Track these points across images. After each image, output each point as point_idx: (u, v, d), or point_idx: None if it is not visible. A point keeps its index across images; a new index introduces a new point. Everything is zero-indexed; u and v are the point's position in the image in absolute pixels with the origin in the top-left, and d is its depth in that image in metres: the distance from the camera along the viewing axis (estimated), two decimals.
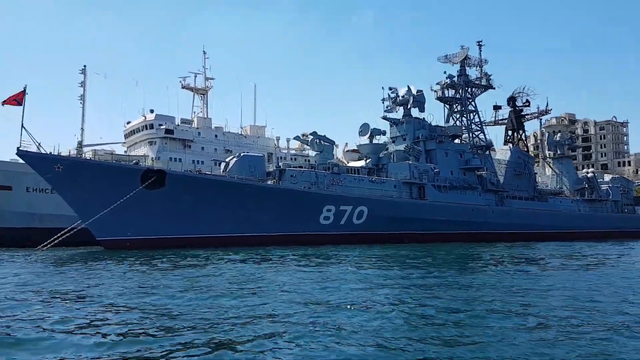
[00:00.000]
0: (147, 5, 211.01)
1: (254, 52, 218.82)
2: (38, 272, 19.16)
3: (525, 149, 64.02)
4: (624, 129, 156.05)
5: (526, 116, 64.98)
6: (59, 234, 32.69)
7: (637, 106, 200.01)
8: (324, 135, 44.68)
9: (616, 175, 75.04)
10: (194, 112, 62.88)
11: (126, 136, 58.93)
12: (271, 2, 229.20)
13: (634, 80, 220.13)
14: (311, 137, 44.57)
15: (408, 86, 50.87)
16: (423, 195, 45.90)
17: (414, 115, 51.87)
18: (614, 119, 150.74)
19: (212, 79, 64.63)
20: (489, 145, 56.11)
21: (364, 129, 48.72)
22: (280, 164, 42.31)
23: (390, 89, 51.96)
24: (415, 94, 50.90)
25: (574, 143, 69.58)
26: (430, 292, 13.73)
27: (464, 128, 55.76)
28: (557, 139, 67.63)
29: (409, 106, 51.26)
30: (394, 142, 51.65)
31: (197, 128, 58.81)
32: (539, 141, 67.46)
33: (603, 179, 71.14)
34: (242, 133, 63.61)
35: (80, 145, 50.36)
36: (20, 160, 47.35)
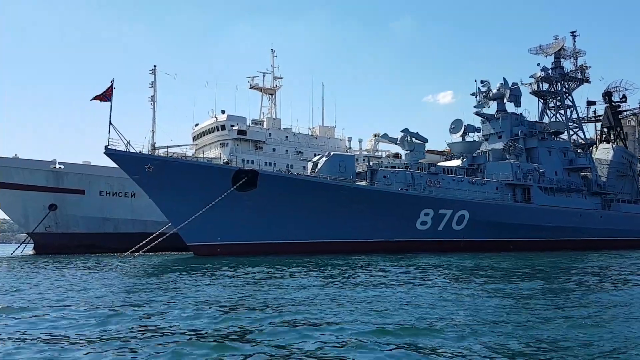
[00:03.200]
0: (217, 9, 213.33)
1: (319, 54, 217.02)
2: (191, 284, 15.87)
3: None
4: None
5: (624, 112, 58.87)
6: (147, 240, 29.95)
7: None
8: (417, 133, 40.57)
9: None
10: (263, 113, 60.10)
11: (195, 138, 56.60)
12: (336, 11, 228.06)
13: None
14: (402, 134, 40.50)
15: (504, 78, 46.18)
16: (528, 198, 41.05)
17: (509, 111, 47.04)
18: None
19: (281, 78, 61.80)
20: (591, 144, 50.55)
21: (456, 125, 44.30)
22: (371, 163, 38.43)
23: (482, 82, 47.38)
24: (511, 87, 46.14)
25: None
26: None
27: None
28: None
29: (504, 100, 46.49)
30: (486, 140, 46.93)
31: (268, 129, 55.90)
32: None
33: None
34: (312, 134, 60.36)
35: (153, 147, 48.09)
36: (94, 163, 46.04)
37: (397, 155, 59.23)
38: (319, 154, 53.19)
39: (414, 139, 40.44)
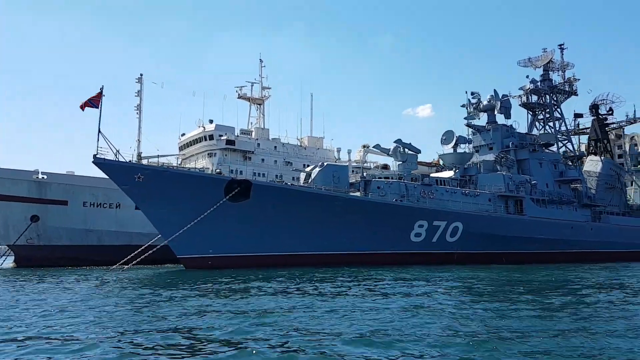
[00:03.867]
0: (203, 19, 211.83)
1: (305, 65, 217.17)
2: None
3: None
4: None
5: (611, 125, 59.48)
6: (136, 252, 28.88)
7: None
8: (409, 144, 40.22)
9: None
10: (251, 123, 59.39)
11: (181, 148, 55.59)
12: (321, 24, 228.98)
13: None
14: (394, 145, 40.12)
15: (494, 90, 46.19)
16: (521, 210, 40.87)
17: (499, 123, 47.05)
18: None
19: (269, 88, 61.19)
20: (581, 156, 50.81)
21: (447, 136, 44.06)
22: (364, 174, 37.91)
23: (472, 93, 47.32)
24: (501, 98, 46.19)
25: None
26: None
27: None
28: None
29: (495, 112, 46.50)
30: (477, 151, 46.80)
31: (256, 139, 55.19)
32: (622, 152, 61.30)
33: None
34: (301, 144, 59.81)
35: (139, 157, 46.94)
36: (77, 173, 44.66)
37: (385, 167, 58.96)
38: (308, 165, 52.66)
39: (406, 150, 40.09)
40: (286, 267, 29.84)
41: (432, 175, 42.67)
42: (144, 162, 47.12)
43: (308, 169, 36.58)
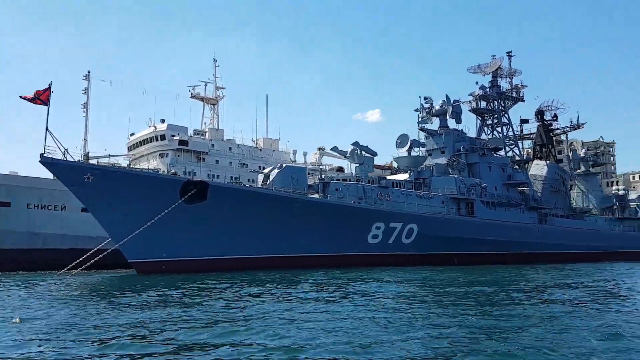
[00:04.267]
0: (158, 15, 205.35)
1: (258, 68, 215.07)
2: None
3: None
4: (610, 149, 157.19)
5: (556, 130, 62.20)
6: (85, 256, 27.59)
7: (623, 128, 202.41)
8: (366, 146, 40.56)
9: None
10: (205, 124, 58.25)
11: (130, 148, 53.81)
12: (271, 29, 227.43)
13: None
14: (352, 147, 40.36)
15: (446, 95, 47.37)
16: (472, 212, 42.03)
17: (450, 127, 48.28)
18: (601, 139, 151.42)
19: (223, 88, 60.18)
20: (528, 160, 52.83)
21: (402, 140, 44.79)
22: (323, 176, 37.91)
23: (425, 98, 48.39)
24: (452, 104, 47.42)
25: (599, 159, 67.08)
26: None
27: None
28: (582, 155, 65.07)
29: (447, 117, 47.68)
30: (430, 155, 47.83)
31: (210, 140, 54.16)
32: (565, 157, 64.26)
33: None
34: (256, 146, 59.20)
35: (87, 157, 44.98)
36: (21, 173, 42.34)
37: (340, 169, 59.35)
38: (263, 167, 52.22)
39: (363, 153, 40.41)
40: (244, 270, 29.35)
41: (388, 177, 43.22)
42: (93, 162, 45.33)
43: (266, 171, 36.22)
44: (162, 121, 51.51)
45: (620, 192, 63.38)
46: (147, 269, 29.01)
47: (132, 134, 54.71)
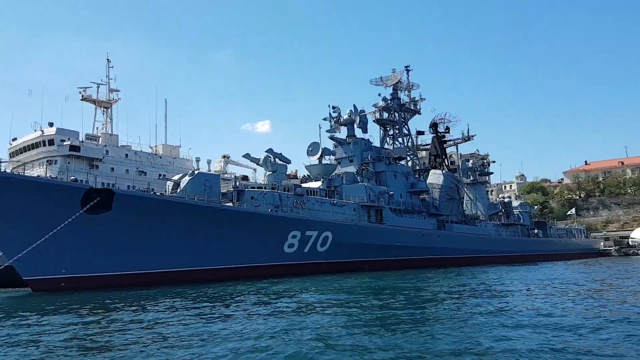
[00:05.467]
0: (36, 18, 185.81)
1: (153, 72, 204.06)
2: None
3: None
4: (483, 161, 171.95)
5: (448, 141, 66.09)
6: None
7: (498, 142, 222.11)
8: (280, 154, 39.82)
9: (523, 201, 79.59)
10: (97, 128, 53.81)
11: (13, 154, 48.03)
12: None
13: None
14: (265, 154, 39.38)
15: (354, 105, 48.24)
16: (381, 219, 42.94)
17: (358, 136, 49.23)
18: (477, 152, 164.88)
19: (118, 90, 56.18)
20: (428, 169, 55.35)
21: (313, 148, 44.76)
22: (237, 183, 36.46)
23: (333, 107, 48.90)
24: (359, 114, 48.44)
25: (486, 169, 72.34)
26: None
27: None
28: (470, 165, 69.73)
29: (354, 126, 48.54)
30: (339, 163, 48.30)
31: (104, 145, 50.07)
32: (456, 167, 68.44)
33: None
34: (155, 152, 55.85)
35: None
36: None
37: (245, 178, 57.83)
38: (164, 175, 49.28)
39: (277, 160, 39.61)
40: (152, 286, 27.08)
41: (303, 185, 42.79)
42: None
43: (176, 178, 33.96)
44: (51, 125, 46.73)
45: (506, 200, 68.74)
46: (44, 286, 25.68)
47: (15, 139, 49.04)
